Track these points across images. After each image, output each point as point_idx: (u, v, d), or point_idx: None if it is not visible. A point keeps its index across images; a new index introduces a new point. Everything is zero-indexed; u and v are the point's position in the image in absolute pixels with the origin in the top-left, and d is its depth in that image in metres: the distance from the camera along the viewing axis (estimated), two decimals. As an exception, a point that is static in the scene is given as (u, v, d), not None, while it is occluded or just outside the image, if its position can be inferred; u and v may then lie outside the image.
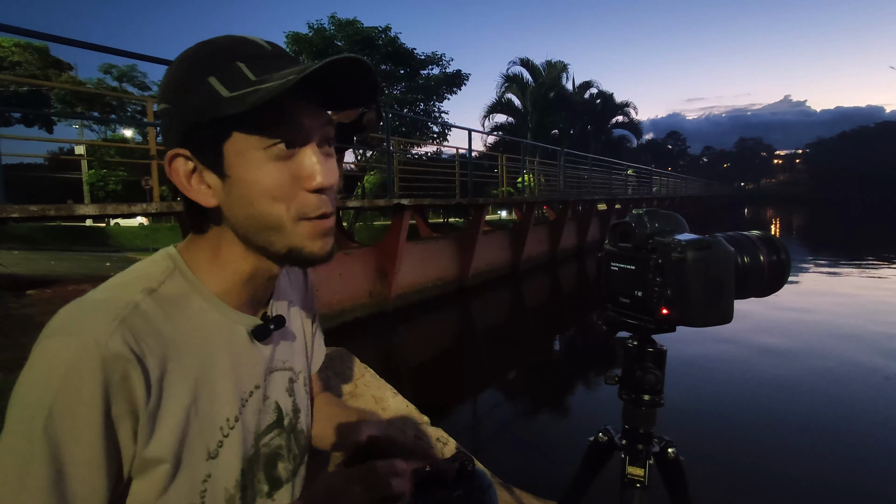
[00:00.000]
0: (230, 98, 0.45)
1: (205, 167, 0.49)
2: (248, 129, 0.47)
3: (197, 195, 0.50)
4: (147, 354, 0.46)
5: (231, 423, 0.54)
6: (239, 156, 0.48)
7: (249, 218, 0.50)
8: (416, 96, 16.21)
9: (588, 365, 5.14)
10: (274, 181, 0.48)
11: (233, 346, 0.55)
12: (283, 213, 0.49)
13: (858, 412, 3.48)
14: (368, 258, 6.95)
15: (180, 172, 0.50)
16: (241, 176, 0.48)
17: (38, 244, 13.37)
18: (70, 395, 0.42)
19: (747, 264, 0.68)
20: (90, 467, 0.43)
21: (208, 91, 0.46)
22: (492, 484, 0.86)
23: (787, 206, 55.65)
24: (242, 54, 0.48)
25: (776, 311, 6.17)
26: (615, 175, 17.83)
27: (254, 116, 0.46)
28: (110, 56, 13.13)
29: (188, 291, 0.52)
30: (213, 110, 0.46)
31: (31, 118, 19.54)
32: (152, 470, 0.47)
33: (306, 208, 0.50)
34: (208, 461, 0.52)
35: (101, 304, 0.47)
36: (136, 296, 0.48)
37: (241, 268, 0.54)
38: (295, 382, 0.66)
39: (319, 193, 0.50)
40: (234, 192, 0.49)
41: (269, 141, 0.48)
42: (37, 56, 18.30)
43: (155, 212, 4.25)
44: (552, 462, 2.99)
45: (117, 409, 0.44)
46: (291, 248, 0.51)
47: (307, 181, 0.49)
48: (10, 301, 3.57)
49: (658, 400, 0.72)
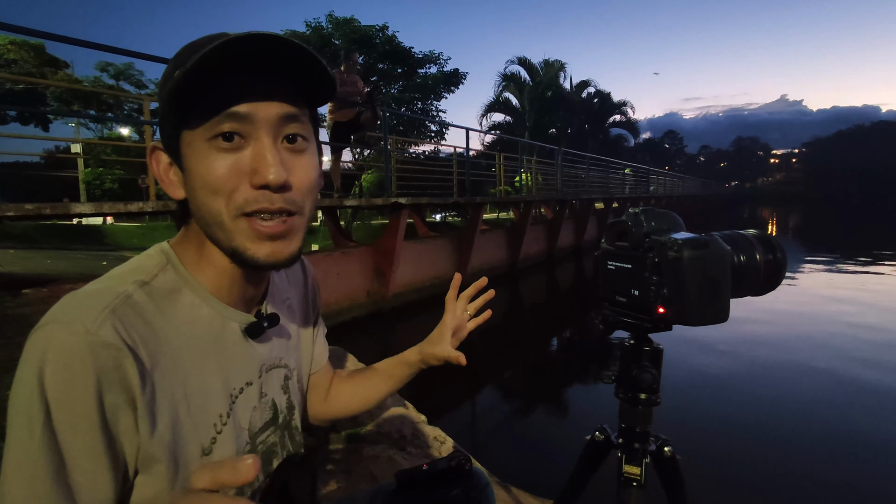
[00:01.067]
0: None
1: (172, 160, 0.51)
2: (196, 120, 0.47)
3: (167, 187, 0.52)
4: (139, 345, 0.46)
5: (224, 420, 0.54)
6: (188, 147, 0.49)
7: (198, 212, 0.50)
8: (414, 95, 16.19)
9: (585, 364, 5.15)
10: (213, 173, 0.47)
11: (225, 343, 0.55)
12: (221, 208, 0.48)
13: (858, 411, 3.50)
14: (366, 257, 6.94)
15: (160, 165, 0.52)
16: (189, 167, 0.49)
17: (34, 243, 13.29)
18: (64, 384, 0.42)
19: (744, 263, 0.68)
20: (91, 456, 0.43)
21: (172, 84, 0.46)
22: (489, 483, 0.86)
23: (784, 206, 55.78)
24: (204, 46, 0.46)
25: (774, 308, 6.19)
26: (612, 174, 17.85)
27: (199, 107, 0.47)
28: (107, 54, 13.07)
29: (180, 286, 0.52)
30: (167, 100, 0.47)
31: (27, 116, 19.45)
32: (154, 465, 0.47)
33: (243, 203, 0.48)
34: (202, 457, 0.52)
35: (92, 294, 0.47)
36: (129, 287, 0.48)
37: (221, 263, 0.53)
38: (290, 380, 0.67)
39: (267, 190, 0.48)
40: (188, 185, 0.50)
41: (210, 132, 0.47)
42: (33, 54, 18.19)
43: (151, 210, 4.24)
44: (549, 461, 2.99)
45: (113, 397, 0.44)
46: (234, 248, 0.49)
47: (251, 176, 0.47)
48: (5, 300, 3.55)
49: (655, 399, 0.73)
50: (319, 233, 10.13)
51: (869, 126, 74.29)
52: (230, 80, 0.46)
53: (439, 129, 16.76)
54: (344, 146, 6.31)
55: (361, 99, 5.79)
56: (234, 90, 0.47)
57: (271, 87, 0.48)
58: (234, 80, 0.47)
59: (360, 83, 5.90)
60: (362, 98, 5.80)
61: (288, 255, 0.51)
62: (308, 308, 0.75)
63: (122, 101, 19.81)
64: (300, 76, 0.49)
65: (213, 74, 0.45)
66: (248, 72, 0.47)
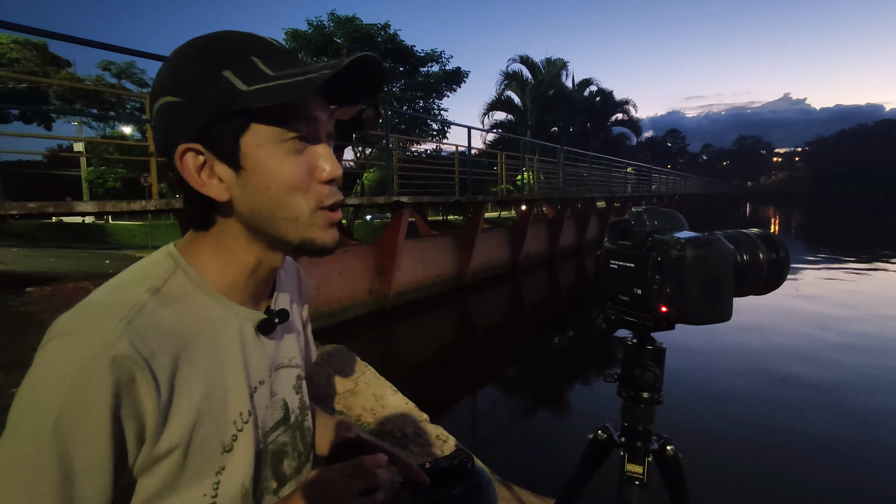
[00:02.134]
0: (251, 92, 0.46)
1: (218, 160, 0.50)
2: (267, 123, 0.49)
3: (209, 189, 0.50)
4: (156, 354, 0.46)
5: (245, 417, 0.55)
6: (257, 148, 0.49)
7: (266, 209, 0.51)
8: (416, 93, 16.18)
9: (587, 363, 5.15)
10: (293, 173, 0.50)
11: (242, 341, 0.56)
12: (302, 204, 0.51)
13: (860, 411, 3.49)
14: (368, 256, 6.94)
15: (191, 167, 0.49)
16: (260, 168, 0.49)
17: (37, 241, 13.33)
18: (79, 398, 0.42)
19: (746, 262, 0.68)
20: (97, 470, 0.43)
21: (225, 85, 0.47)
22: (491, 481, 0.86)
23: (787, 205, 55.59)
24: (256, 50, 0.49)
25: (775, 307, 6.18)
26: (614, 173, 17.82)
27: (272, 110, 0.48)
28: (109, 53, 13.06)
29: (192, 289, 0.53)
30: (231, 104, 0.47)
31: (30, 115, 19.46)
32: (161, 464, 0.48)
33: (323, 198, 0.53)
34: (223, 454, 0.52)
35: (107, 305, 0.47)
36: (142, 296, 0.48)
37: (246, 261, 0.55)
38: (302, 380, 0.67)
39: (330, 184, 0.53)
40: (251, 184, 0.50)
41: (287, 134, 0.49)
42: (35, 53, 18.19)
43: (154, 209, 4.24)
44: (551, 459, 2.99)
45: (124, 410, 0.44)
46: (305, 238, 0.53)
47: (320, 172, 0.52)
48: (9, 299, 3.56)
49: (657, 398, 0.73)
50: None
51: (872, 125, 74.06)
52: None
53: (441, 128, 16.75)
54: (345, 144, 6.30)
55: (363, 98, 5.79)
56: (313, 96, 0.51)
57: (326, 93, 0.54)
58: None
59: (361, 82, 5.90)
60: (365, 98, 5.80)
61: (340, 239, 0.57)
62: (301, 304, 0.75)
63: (125, 99, 19.81)
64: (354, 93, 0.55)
65: None
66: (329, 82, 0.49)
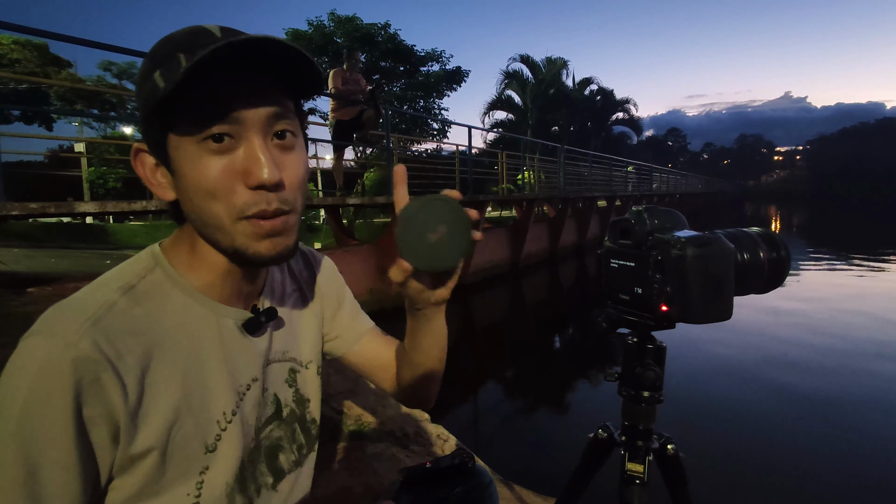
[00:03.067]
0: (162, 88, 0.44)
1: (158, 162, 0.50)
2: (184, 122, 0.46)
3: (156, 189, 0.51)
4: (123, 355, 0.46)
5: (228, 417, 0.54)
6: (177, 150, 0.47)
7: (193, 214, 0.50)
8: (416, 93, 16.21)
9: (588, 362, 5.14)
10: (207, 176, 0.46)
11: (222, 340, 0.55)
12: (220, 212, 0.48)
13: (861, 407, 3.49)
14: (369, 255, 6.94)
15: (146, 166, 0.51)
16: (180, 171, 0.48)
17: (38, 242, 13.35)
18: (40, 396, 0.42)
19: (747, 261, 0.68)
20: (63, 469, 0.43)
21: (152, 85, 0.45)
22: (492, 481, 0.86)
23: (788, 204, 55.49)
24: (187, 44, 0.45)
25: (776, 305, 6.17)
26: (615, 172, 17.80)
27: (188, 108, 0.46)
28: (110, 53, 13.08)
29: (168, 287, 0.52)
30: (152, 103, 0.45)
31: (31, 115, 19.49)
32: (139, 465, 0.47)
33: (243, 206, 0.47)
34: (206, 454, 0.52)
35: (76, 304, 0.47)
36: (112, 295, 0.48)
37: (216, 261, 0.53)
38: (298, 373, 0.66)
39: (263, 190, 0.48)
40: (179, 187, 0.49)
41: (201, 134, 0.46)
42: (36, 53, 18.23)
43: (155, 209, 4.25)
44: (552, 459, 2.99)
45: (90, 411, 0.44)
46: (235, 248, 0.49)
47: (245, 177, 0.47)
48: (10, 299, 3.57)
49: (658, 396, 0.73)
50: (322, 231, 10.14)
51: (873, 123, 73.92)
52: (217, 80, 0.45)
53: (441, 128, 16.76)
54: (346, 144, 6.31)
55: (364, 97, 5.79)
56: (222, 90, 0.46)
57: (259, 84, 0.48)
58: (221, 80, 0.46)
59: (362, 81, 5.90)
60: (364, 96, 5.80)
61: (286, 250, 0.51)
62: (320, 296, 0.73)
63: (125, 99, 19.82)
64: (287, 73, 0.49)
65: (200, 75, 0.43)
66: (236, 70, 0.46)
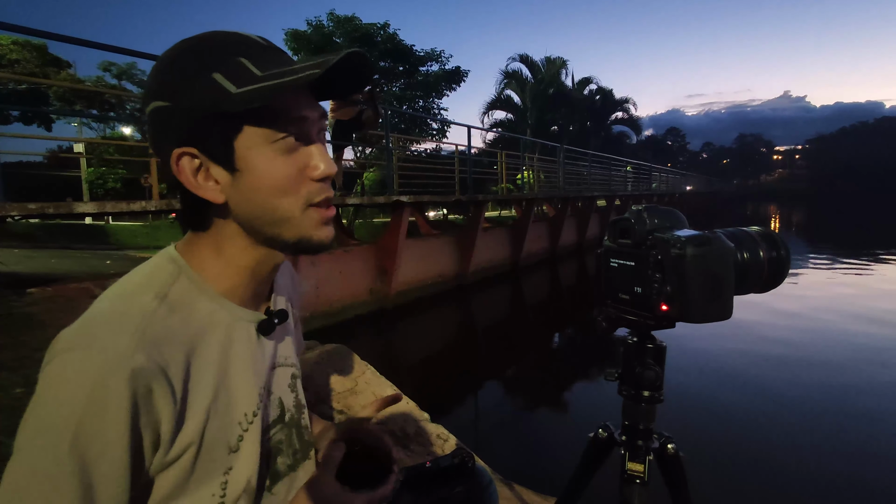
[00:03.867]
0: (241, 93, 0.46)
1: (213, 163, 0.50)
2: (258, 124, 0.48)
3: (205, 192, 0.50)
4: (170, 363, 0.47)
5: (250, 418, 0.55)
6: (249, 150, 0.49)
7: (259, 211, 0.51)
8: (416, 93, 16.19)
9: (588, 361, 5.15)
10: (284, 174, 0.50)
11: (244, 343, 0.56)
12: (293, 205, 0.51)
13: (862, 406, 3.49)
14: (368, 255, 6.94)
15: (187, 170, 0.50)
16: (252, 170, 0.49)
17: (38, 242, 13.34)
18: (96, 412, 0.42)
19: (747, 260, 0.68)
20: (116, 481, 0.43)
21: (214, 87, 0.46)
22: (492, 480, 0.86)
23: (787, 203, 55.44)
24: (243, 50, 0.49)
25: (777, 304, 6.17)
26: (615, 171, 17.80)
27: (262, 110, 0.47)
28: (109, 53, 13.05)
29: (196, 294, 0.53)
30: (221, 106, 0.46)
31: (30, 116, 19.46)
32: (173, 466, 0.48)
33: (312, 196, 0.52)
34: (230, 455, 0.53)
35: (117, 316, 0.47)
36: (151, 304, 0.49)
37: (244, 261, 0.55)
38: (297, 378, 0.68)
39: (322, 182, 0.53)
40: (244, 186, 0.50)
41: (277, 135, 0.49)
42: (35, 54, 18.20)
43: (154, 209, 4.24)
44: (552, 458, 2.99)
45: (142, 420, 0.45)
46: (301, 237, 0.53)
47: (312, 171, 0.52)
48: (11, 299, 3.56)
49: (658, 396, 0.73)
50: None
51: (872, 122, 73.94)
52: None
53: (441, 127, 16.75)
54: (346, 144, 6.31)
55: (363, 97, 5.79)
56: (302, 95, 0.51)
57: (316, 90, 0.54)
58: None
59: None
60: (364, 96, 5.80)
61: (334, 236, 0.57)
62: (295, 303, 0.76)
63: (125, 100, 19.80)
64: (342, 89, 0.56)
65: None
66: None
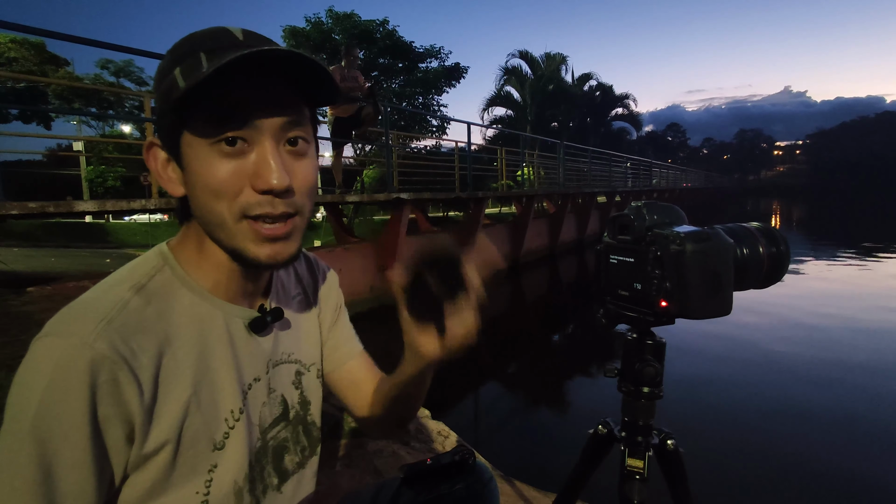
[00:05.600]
0: (183, 88, 0.45)
1: (170, 156, 0.51)
2: (199, 123, 0.47)
3: (165, 184, 0.52)
4: (138, 353, 0.46)
5: (236, 416, 0.55)
6: (189, 148, 0.48)
7: (199, 211, 0.51)
8: (415, 90, 16.16)
9: (588, 358, 5.15)
10: (216, 177, 0.47)
11: (229, 339, 0.55)
12: (223, 211, 0.48)
13: (862, 402, 3.49)
14: (368, 253, 6.94)
15: (157, 161, 0.52)
16: (191, 169, 0.49)
17: (38, 241, 13.34)
18: (56, 396, 0.42)
19: (746, 256, 0.68)
20: (78, 468, 0.43)
21: (171, 82, 0.47)
22: (493, 477, 0.86)
23: (787, 199, 55.36)
24: (209, 45, 0.47)
25: (775, 301, 6.18)
26: (615, 167, 17.78)
27: (203, 110, 0.46)
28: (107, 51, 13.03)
29: (177, 286, 0.52)
30: (169, 100, 0.47)
31: (29, 115, 19.44)
32: (151, 462, 0.48)
33: (246, 206, 0.48)
34: (214, 452, 0.52)
35: (89, 304, 0.47)
36: (125, 294, 0.48)
37: (221, 259, 0.53)
38: (303, 375, 0.66)
39: (269, 195, 0.48)
40: (188, 184, 0.50)
41: (215, 136, 0.47)
42: (33, 52, 18.17)
43: (154, 207, 4.24)
44: (552, 455, 3.00)
45: (105, 410, 0.44)
46: (234, 248, 0.50)
47: (254, 180, 0.48)
48: (9, 298, 3.57)
49: (657, 392, 0.73)
50: (322, 229, 10.13)
51: (873, 117, 73.82)
52: (236, 84, 0.46)
53: (440, 124, 16.73)
54: (345, 142, 6.30)
55: (362, 94, 5.77)
56: (240, 95, 0.47)
57: (276, 91, 0.48)
58: (239, 84, 0.47)
59: (360, 78, 5.88)
60: (363, 93, 5.78)
61: (287, 256, 0.52)
62: (321, 303, 0.72)
63: (123, 98, 19.77)
64: (303, 81, 0.49)
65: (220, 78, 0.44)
66: (255, 76, 0.47)
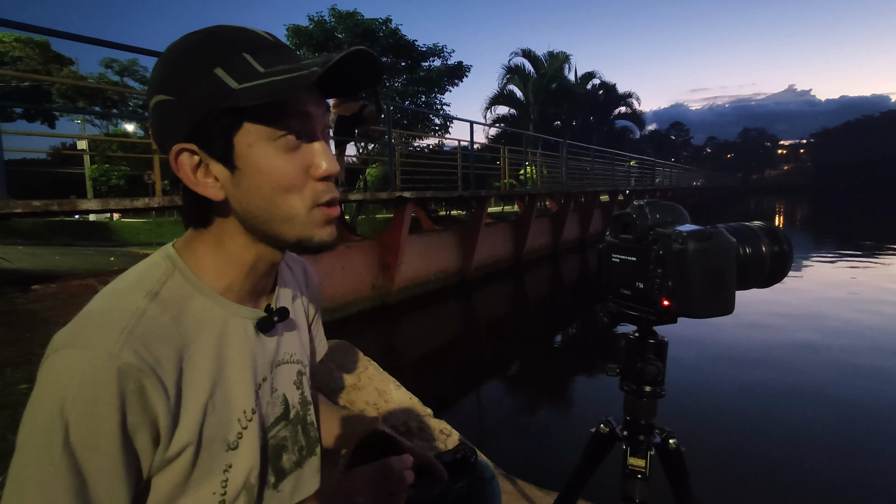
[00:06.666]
0: (242, 89, 0.45)
1: (213, 160, 0.49)
2: (259, 121, 0.47)
3: (205, 189, 0.50)
4: (161, 361, 0.47)
5: (248, 415, 0.55)
6: (249, 147, 0.48)
7: (260, 209, 0.50)
8: (418, 88, 16.14)
9: (590, 357, 5.15)
10: (286, 173, 0.49)
11: (241, 340, 0.56)
12: (296, 204, 0.50)
13: (863, 405, 3.48)
14: (371, 251, 6.95)
15: (186, 167, 0.49)
16: (253, 168, 0.49)
17: (42, 239, 13.41)
18: (86, 407, 0.43)
19: (749, 255, 0.68)
20: (111, 475, 0.44)
21: (216, 83, 0.46)
22: (494, 475, 0.87)
23: (791, 198, 55.11)
24: (247, 45, 0.48)
25: (777, 300, 6.16)
26: (618, 166, 17.74)
27: (263, 108, 0.47)
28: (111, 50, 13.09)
29: (189, 291, 0.52)
30: (222, 102, 0.46)
31: (33, 113, 19.50)
32: (172, 465, 0.49)
33: (319, 196, 0.51)
34: (228, 452, 0.53)
35: (105, 314, 0.47)
36: (140, 302, 0.48)
37: (244, 258, 0.54)
38: (303, 375, 0.67)
39: (326, 181, 0.52)
40: (245, 184, 0.49)
41: (278, 132, 0.48)
42: (38, 51, 18.22)
43: (157, 206, 4.25)
44: (554, 453, 3.00)
45: (134, 418, 0.45)
46: (302, 237, 0.52)
47: (315, 170, 0.51)
48: (15, 296, 3.58)
49: (659, 391, 0.73)
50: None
51: (878, 116, 73.39)
52: None
53: (443, 123, 16.71)
54: (348, 140, 6.30)
55: (364, 92, 5.78)
56: (300, 92, 0.49)
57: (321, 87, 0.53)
58: None
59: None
60: (365, 92, 5.78)
61: (336, 237, 0.56)
62: (310, 301, 0.75)
63: (127, 97, 19.81)
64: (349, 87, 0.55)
65: None
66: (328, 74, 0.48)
